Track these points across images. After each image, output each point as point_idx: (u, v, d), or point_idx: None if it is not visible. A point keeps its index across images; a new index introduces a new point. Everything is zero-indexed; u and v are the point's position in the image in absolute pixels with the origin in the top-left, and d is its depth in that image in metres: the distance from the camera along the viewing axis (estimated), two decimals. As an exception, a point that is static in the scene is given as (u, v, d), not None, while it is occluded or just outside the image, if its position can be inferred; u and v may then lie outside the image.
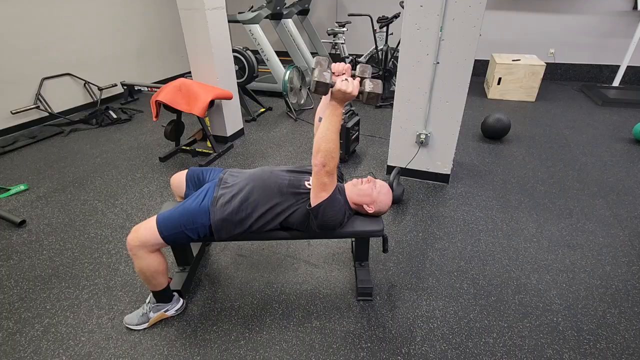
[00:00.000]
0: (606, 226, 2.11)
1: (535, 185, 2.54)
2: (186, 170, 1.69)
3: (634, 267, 1.81)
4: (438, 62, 2.19)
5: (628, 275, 1.76)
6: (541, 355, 1.39)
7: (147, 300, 1.56)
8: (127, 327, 1.54)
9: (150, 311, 1.54)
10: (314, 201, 1.34)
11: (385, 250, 1.66)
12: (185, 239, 1.41)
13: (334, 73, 1.29)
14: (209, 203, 1.43)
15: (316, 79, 1.18)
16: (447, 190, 2.50)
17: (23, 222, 2.23)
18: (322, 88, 1.20)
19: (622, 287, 1.69)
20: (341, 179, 1.66)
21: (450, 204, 2.35)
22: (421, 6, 2.08)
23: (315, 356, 1.41)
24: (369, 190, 1.49)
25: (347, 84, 1.21)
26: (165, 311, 1.57)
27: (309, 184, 1.46)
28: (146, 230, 1.37)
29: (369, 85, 1.23)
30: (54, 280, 1.80)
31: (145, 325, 1.54)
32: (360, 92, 1.26)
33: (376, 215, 1.55)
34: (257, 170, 1.53)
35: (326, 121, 1.26)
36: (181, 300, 1.63)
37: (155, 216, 1.40)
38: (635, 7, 4.42)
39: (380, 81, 1.27)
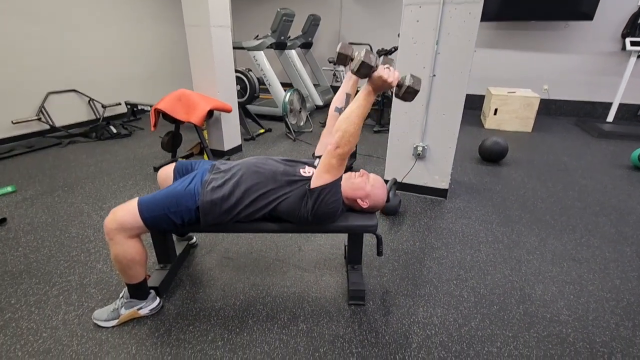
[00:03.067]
0: (612, 242, 2.01)
1: (536, 202, 2.48)
2: (174, 163, 1.65)
3: (645, 282, 1.69)
4: (434, 75, 2.23)
5: (639, 289, 1.64)
6: (551, 367, 1.25)
7: (121, 295, 1.44)
8: (96, 324, 1.40)
9: (122, 307, 1.42)
10: (315, 182, 1.28)
11: (379, 252, 1.56)
12: (167, 223, 1.33)
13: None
14: (196, 186, 1.37)
15: (362, 59, 1.15)
16: (445, 205, 2.43)
17: (3, 220, 2.14)
18: (365, 70, 1.18)
19: (635, 301, 1.57)
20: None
21: (448, 217, 2.27)
22: (417, 21, 2.16)
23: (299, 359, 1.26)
24: (362, 184, 1.43)
25: (389, 73, 1.20)
26: (139, 309, 1.44)
27: (304, 172, 1.41)
28: (125, 211, 1.30)
29: (409, 80, 1.21)
30: (25, 276, 1.68)
31: (114, 322, 1.40)
32: (399, 86, 1.23)
33: (370, 211, 1.48)
34: (251, 158, 1.49)
35: (355, 104, 1.23)
36: (157, 299, 1.50)
37: (137, 198, 1.33)
38: (623, 48, 4.63)
39: (421, 79, 1.24)
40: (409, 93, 1.22)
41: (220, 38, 2.97)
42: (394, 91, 1.26)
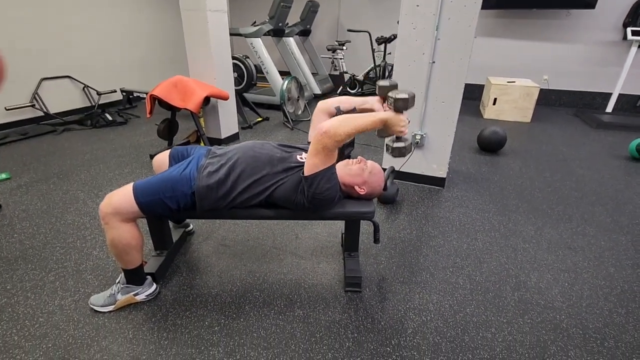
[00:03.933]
0: (607, 231, 2.02)
1: (533, 192, 2.48)
2: (169, 150, 1.63)
3: (639, 270, 1.70)
4: (434, 62, 2.20)
5: (633, 277, 1.66)
6: (544, 352, 1.26)
7: (117, 280, 1.44)
8: (92, 309, 1.40)
9: (118, 292, 1.42)
10: (307, 168, 1.26)
11: (376, 240, 1.56)
12: (163, 208, 1.32)
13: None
14: (191, 171, 1.35)
15: (408, 96, 1.23)
16: (442, 194, 2.43)
17: (-2, 206, 2.13)
18: (402, 106, 1.25)
19: (628, 288, 1.58)
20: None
21: (445, 205, 2.27)
22: (417, 6, 2.12)
23: (296, 344, 1.27)
24: (359, 171, 1.42)
25: (406, 125, 1.30)
26: (135, 294, 1.44)
27: (301, 158, 1.40)
28: (120, 196, 1.28)
29: (409, 143, 1.36)
30: (20, 262, 1.68)
31: (111, 308, 1.41)
32: (399, 139, 1.34)
33: (367, 198, 1.47)
34: (248, 142, 1.47)
35: (362, 118, 1.25)
36: (154, 285, 1.50)
37: (132, 183, 1.32)
38: (624, 38, 4.58)
39: (412, 149, 1.43)
40: (399, 151, 1.34)
41: (217, 23, 2.92)
42: (391, 140, 1.36)
